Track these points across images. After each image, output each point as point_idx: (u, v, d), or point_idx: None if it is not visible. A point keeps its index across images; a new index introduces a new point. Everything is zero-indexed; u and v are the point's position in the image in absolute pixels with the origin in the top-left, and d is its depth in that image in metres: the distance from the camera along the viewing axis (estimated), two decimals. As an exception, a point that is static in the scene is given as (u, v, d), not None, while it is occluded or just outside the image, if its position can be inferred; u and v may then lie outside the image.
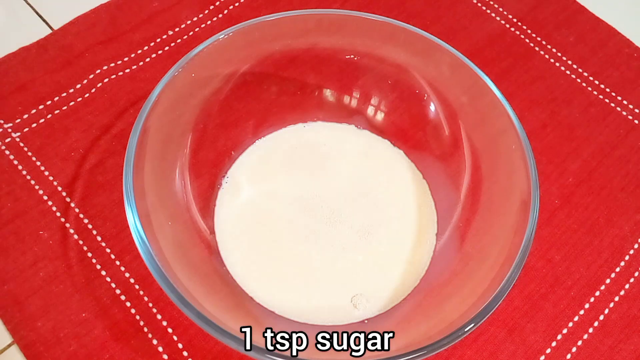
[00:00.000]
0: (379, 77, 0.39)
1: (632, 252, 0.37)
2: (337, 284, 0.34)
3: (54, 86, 0.41)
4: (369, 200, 0.37)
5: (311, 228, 0.35)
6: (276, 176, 0.37)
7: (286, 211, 0.36)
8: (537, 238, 0.30)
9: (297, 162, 0.38)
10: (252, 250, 0.35)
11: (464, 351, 0.33)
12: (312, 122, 0.40)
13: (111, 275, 0.34)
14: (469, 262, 0.33)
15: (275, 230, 0.35)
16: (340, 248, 0.35)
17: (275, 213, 0.36)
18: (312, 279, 0.34)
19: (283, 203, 0.36)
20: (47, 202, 0.36)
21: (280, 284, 0.34)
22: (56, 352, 0.32)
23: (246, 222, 0.35)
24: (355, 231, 0.36)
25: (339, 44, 0.38)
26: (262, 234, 0.35)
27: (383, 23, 0.36)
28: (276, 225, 0.35)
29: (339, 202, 0.37)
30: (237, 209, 0.36)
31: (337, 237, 0.35)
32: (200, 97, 0.36)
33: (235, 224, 0.35)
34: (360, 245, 0.35)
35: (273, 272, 0.34)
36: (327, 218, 0.36)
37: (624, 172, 0.40)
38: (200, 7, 0.45)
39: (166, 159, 0.34)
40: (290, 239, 0.35)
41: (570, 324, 0.34)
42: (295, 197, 0.37)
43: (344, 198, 0.37)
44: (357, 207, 0.36)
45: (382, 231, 0.36)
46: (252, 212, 0.36)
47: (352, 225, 0.36)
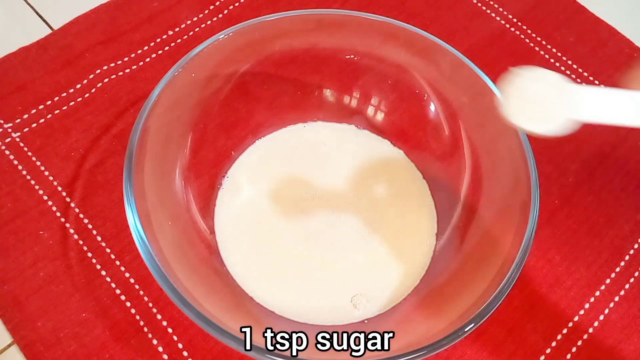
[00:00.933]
0: (379, 77, 0.39)
1: (632, 252, 0.37)
2: (337, 284, 0.34)
3: (54, 86, 0.41)
4: (369, 201, 0.37)
5: (311, 228, 0.35)
6: (276, 176, 0.37)
7: (286, 211, 0.36)
8: (537, 238, 0.30)
9: (297, 162, 0.38)
10: (252, 250, 0.35)
11: (464, 351, 0.33)
12: (312, 122, 0.40)
13: (111, 275, 0.34)
14: (469, 262, 0.33)
15: (275, 231, 0.35)
16: (340, 248, 0.35)
17: (275, 213, 0.36)
18: (312, 279, 0.34)
19: (283, 203, 0.36)
20: (47, 202, 0.36)
21: (280, 284, 0.34)
22: (56, 352, 0.32)
23: (246, 222, 0.36)
24: (355, 231, 0.36)
25: (339, 44, 0.38)
26: (262, 234, 0.35)
27: (383, 23, 0.36)
28: (276, 226, 0.35)
29: (339, 202, 0.37)
30: (237, 209, 0.36)
31: (337, 237, 0.35)
32: (200, 97, 0.36)
33: (235, 224, 0.35)
34: (360, 246, 0.35)
35: (273, 272, 0.34)
36: (327, 218, 0.36)
37: (624, 172, 0.40)
38: (200, 7, 0.45)
39: (166, 159, 0.34)
40: (290, 239, 0.35)
41: (570, 324, 0.34)
42: (295, 197, 0.37)
43: (344, 198, 0.37)
44: (357, 207, 0.36)
45: (382, 231, 0.36)
46: (252, 212, 0.36)
47: (352, 226, 0.36)
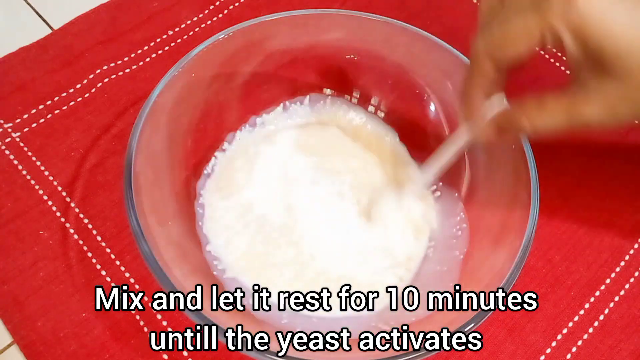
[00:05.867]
0: (379, 77, 0.39)
1: (632, 252, 0.37)
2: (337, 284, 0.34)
3: (54, 86, 0.41)
4: (369, 201, 0.37)
5: (311, 229, 0.35)
6: (276, 176, 0.37)
7: (285, 212, 0.36)
8: (537, 238, 0.30)
9: (297, 162, 0.38)
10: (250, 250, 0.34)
11: (464, 351, 0.33)
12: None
13: (111, 275, 0.34)
14: (469, 262, 0.33)
15: (274, 231, 0.35)
16: (340, 248, 0.35)
17: (275, 214, 0.36)
18: (309, 278, 0.34)
19: (282, 204, 0.36)
20: (47, 202, 0.36)
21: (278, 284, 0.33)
22: (56, 352, 0.32)
23: (245, 223, 0.35)
24: (354, 231, 0.35)
25: (339, 44, 0.38)
26: (262, 234, 0.35)
27: (383, 23, 0.36)
28: (274, 226, 0.35)
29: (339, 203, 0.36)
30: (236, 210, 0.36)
31: (337, 238, 0.35)
32: (200, 97, 0.36)
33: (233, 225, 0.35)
34: (359, 245, 0.35)
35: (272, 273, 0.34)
36: (327, 219, 0.36)
37: (624, 172, 0.40)
38: (200, 7, 0.45)
39: (166, 159, 0.34)
40: (288, 240, 0.35)
41: (570, 324, 0.34)
42: (295, 197, 0.36)
43: (344, 199, 0.37)
44: (357, 206, 0.36)
45: (381, 231, 0.35)
46: (251, 212, 0.36)
47: (352, 226, 0.36)
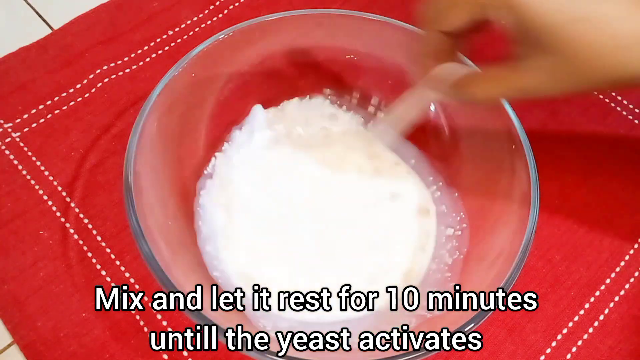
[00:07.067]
0: (379, 77, 0.39)
1: (632, 252, 0.37)
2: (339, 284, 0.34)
3: (54, 86, 0.41)
4: (369, 201, 0.37)
5: (311, 230, 0.35)
6: (276, 176, 0.37)
7: (285, 212, 0.36)
8: (537, 238, 0.30)
9: (297, 162, 0.38)
10: (251, 250, 0.34)
11: (464, 351, 0.33)
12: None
13: (111, 275, 0.34)
14: (469, 263, 0.33)
15: (275, 232, 0.35)
16: (341, 248, 0.35)
17: (275, 214, 0.36)
18: (310, 276, 0.34)
19: (282, 204, 0.36)
20: (47, 202, 0.36)
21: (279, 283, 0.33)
22: (56, 352, 0.32)
23: (245, 223, 0.35)
24: (355, 231, 0.35)
25: (339, 44, 0.38)
26: (262, 234, 0.35)
27: (383, 23, 0.36)
28: (274, 227, 0.35)
29: (339, 203, 0.36)
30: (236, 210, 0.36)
31: (337, 238, 0.35)
32: (200, 97, 0.36)
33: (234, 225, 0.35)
34: (360, 246, 0.35)
35: (271, 273, 0.34)
36: (327, 220, 0.36)
37: (624, 172, 0.40)
38: (200, 7, 0.45)
39: (166, 159, 0.34)
40: (290, 240, 0.35)
41: (570, 324, 0.34)
42: (295, 197, 0.36)
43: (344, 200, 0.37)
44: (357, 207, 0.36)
45: (381, 232, 0.35)
46: (251, 212, 0.36)
47: (352, 226, 0.36)
